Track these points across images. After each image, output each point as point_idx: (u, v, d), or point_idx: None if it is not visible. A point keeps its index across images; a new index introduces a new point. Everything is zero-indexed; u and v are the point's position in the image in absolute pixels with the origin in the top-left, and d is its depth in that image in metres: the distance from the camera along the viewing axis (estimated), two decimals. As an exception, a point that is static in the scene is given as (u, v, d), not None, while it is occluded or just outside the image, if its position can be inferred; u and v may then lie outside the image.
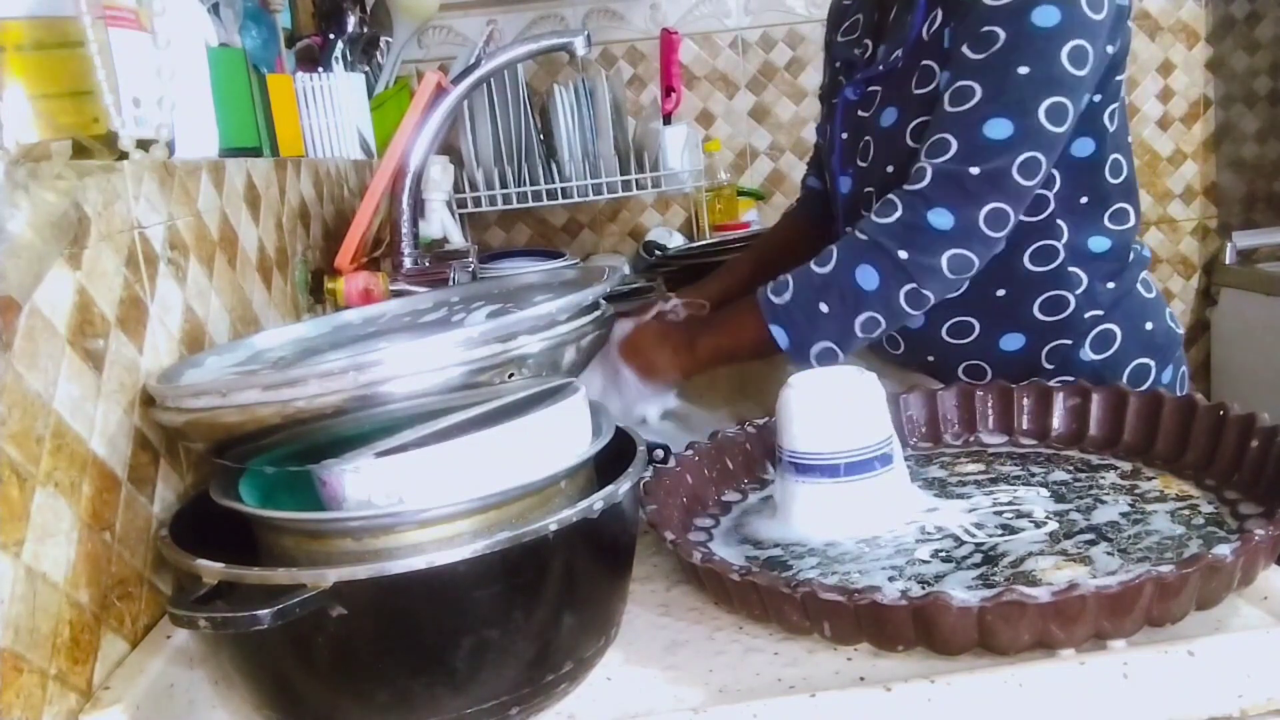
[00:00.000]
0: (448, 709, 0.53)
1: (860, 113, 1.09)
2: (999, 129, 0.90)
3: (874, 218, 0.94)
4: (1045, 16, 0.89)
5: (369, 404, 0.54)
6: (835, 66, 1.20)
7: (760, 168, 2.34)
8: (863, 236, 0.94)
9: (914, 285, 0.92)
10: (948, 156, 0.91)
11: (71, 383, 0.56)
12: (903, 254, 0.91)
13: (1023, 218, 0.97)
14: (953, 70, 0.94)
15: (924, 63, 1.00)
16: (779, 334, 0.94)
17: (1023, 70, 0.90)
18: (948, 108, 0.93)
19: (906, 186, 0.93)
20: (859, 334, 0.94)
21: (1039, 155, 0.91)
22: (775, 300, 0.95)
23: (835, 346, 0.94)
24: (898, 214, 0.92)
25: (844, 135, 1.13)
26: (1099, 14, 0.91)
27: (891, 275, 0.92)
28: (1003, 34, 0.90)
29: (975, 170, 0.90)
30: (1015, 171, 0.90)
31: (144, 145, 0.62)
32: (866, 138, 1.08)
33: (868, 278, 0.92)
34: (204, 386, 0.58)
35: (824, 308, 0.93)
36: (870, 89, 1.08)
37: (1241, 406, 0.74)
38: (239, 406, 0.55)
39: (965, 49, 0.93)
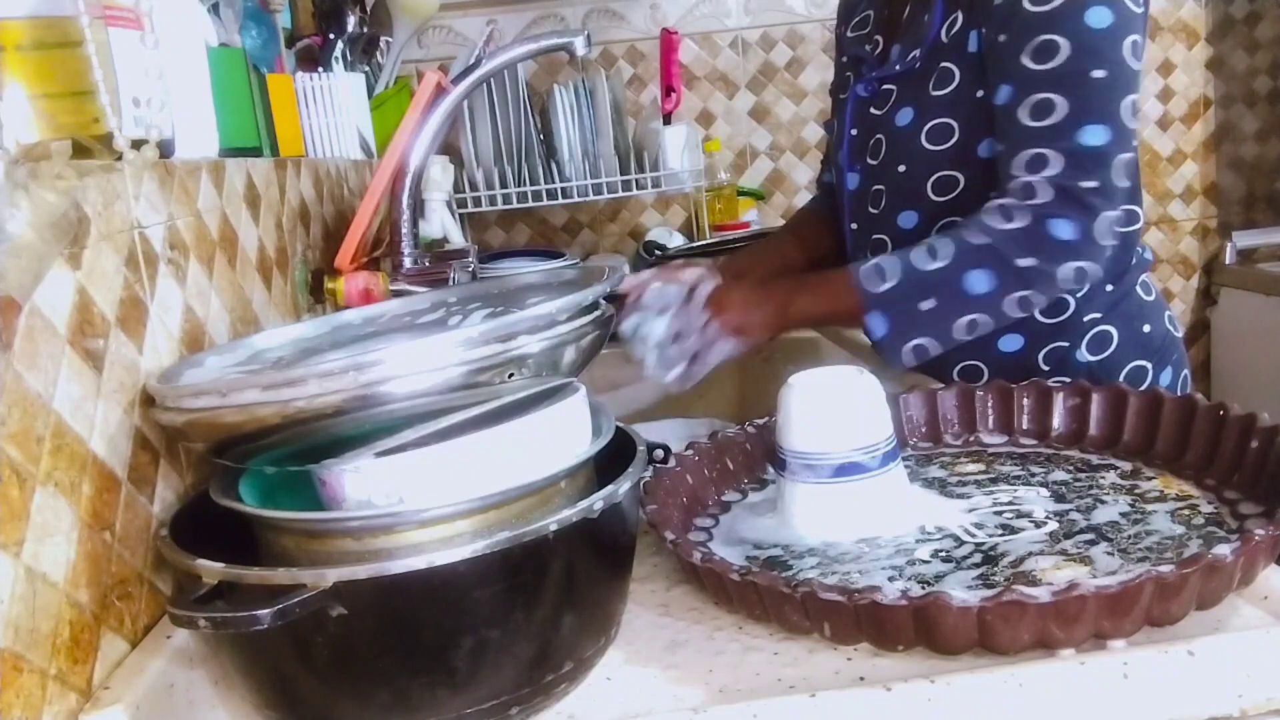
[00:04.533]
0: (448, 709, 0.53)
1: (872, 110, 1.09)
2: (1095, 136, 0.90)
3: (991, 223, 0.92)
4: (1099, 17, 0.90)
5: (369, 404, 0.54)
6: (843, 61, 1.20)
7: (760, 168, 2.34)
8: (980, 240, 0.92)
9: (1027, 293, 0.92)
10: (1055, 171, 0.91)
11: (71, 383, 0.56)
12: (1022, 262, 0.91)
13: None
14: (1015, 84, 0.93)
15: (943, 64, 1.00)
16: (876, 322, 0.94)
17: (1097, 74, 0.90)
18: (1030, 122, 0.92)
19: (1026, 201, 0.92)
20: (959, 335, 0.94)
21: (1131, 154, 0.92)
22: (873, 290, 0.94)
23: (931, 344, 0.94)
24: (1018, 223, 0.91)
25: (853, 131, 1.13)
26: (1140, 8, 0.92)
27: (1005, 282, 0.91)
28: (1065, 42, 0.90)
29: (1087, 183, 0.90)
30: (1122, 176, 0.91)
31: (137, 145, 0.62)
32: (878, 135, 1.08)
33: (978, 282, 0.91)
34: (204, 386, 0.58)
35: (925, 305, 0.92)
36: (884, 87, 1.08)
37: (1241, 406, 0.74)
38: (239, 406, 0.55)
39: (1026, 61, 0.92)
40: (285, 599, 0.48)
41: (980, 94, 0.98)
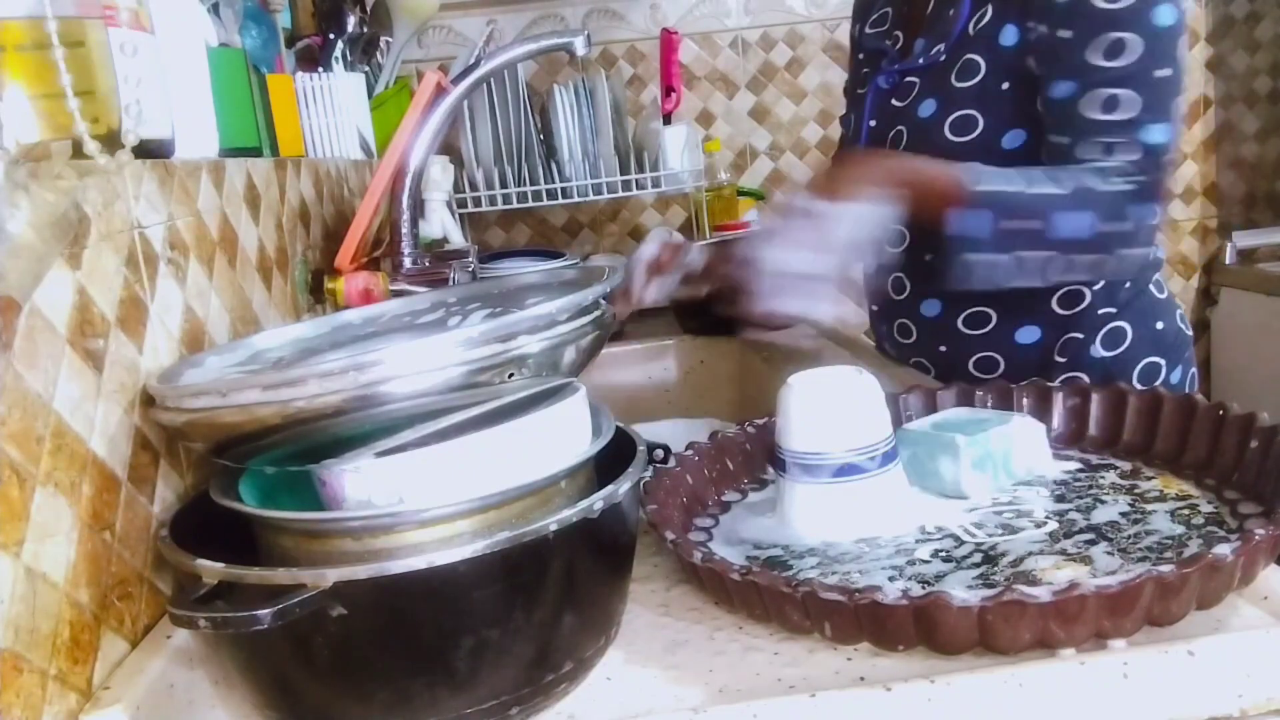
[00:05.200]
0: (448, 709, 0.53)
1: (894, 102, 1.10)
2: (1159, 134, 0.92)
3: (1091, 180, 0.91)
4: (1166, 15, 0.91)
5: (369, 404, 0.54)
6: (860, 58, 1.20)
7: (760, 168, 2.34)
8: (1079, 186, 0.90)
9: (1096, 258, 0.91)
10: (1127, 160, 0.92)
11: (71, 383, 0.56)
12: (1107, 226, 0.90)
13: None
14: (1081, 79, 0.93)
15: (967, 56, 1.01)
16: (978, 220, 0.89)
17: (1162, 73, 0.91)
18: (1098, 116, 0.92)
19: (1112, 178, 0.92)
20: (1025, 273, 0.91)
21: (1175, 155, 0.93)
22: (979, 186, 0.90)
23: (1005, 270, 0.91)
24: (1114, 188, 0.91)
25: (872, 123, 1.13)
26: (1184, 5, 0.94)
27: (1094, 239, 0.90)
28: (1137, 40, 0.91)
29: (1146, 178, 0.91)
30: (1169, 175, 0.93)
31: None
32: (899, 127, 1.08)
33: (1067, 225, 0.89)
34: (204, 386, 0.58)
35: (1019, 225, 0.89)
36: (906, 79, 1.08)
37: (1241, 406, 0.74)
38: (239, 406, 0.55)
39: (1094, 58, 0.92)
40: (285, 599, 0.48)
41: (1006, 86, 0.99)
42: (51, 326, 0.55)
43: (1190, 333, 1.13)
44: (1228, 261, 2.38)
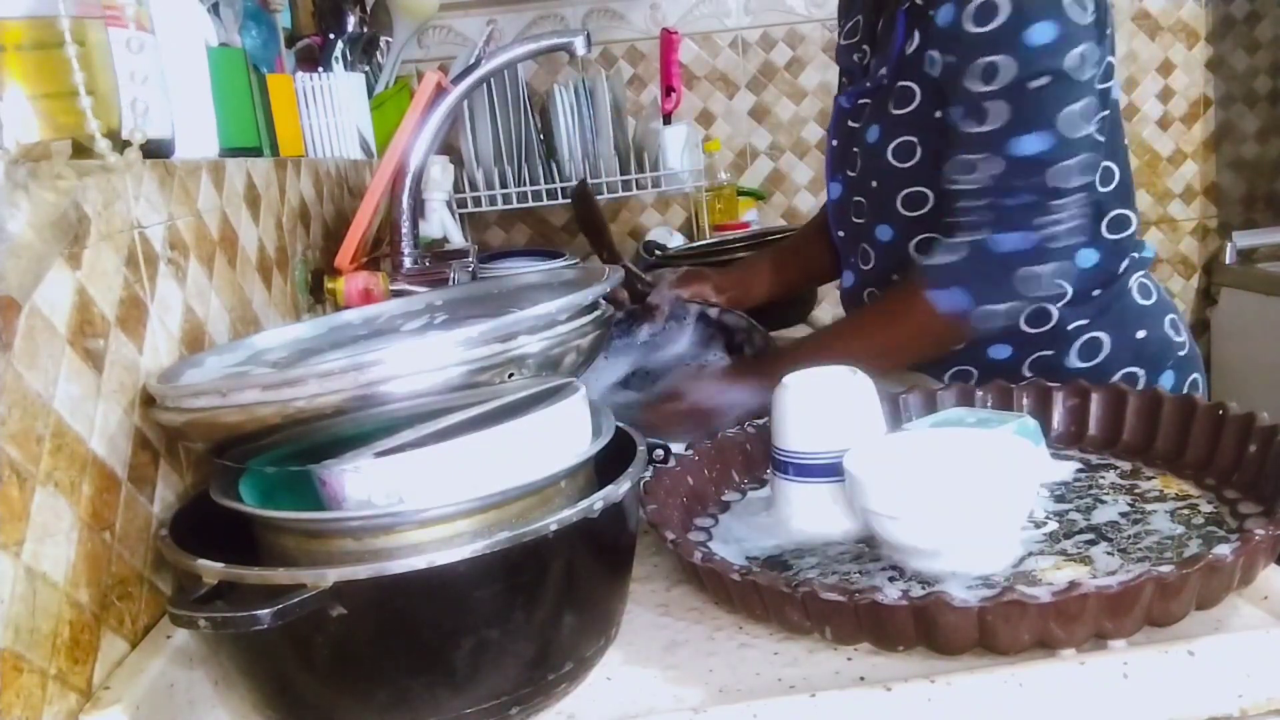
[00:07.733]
0: (448, 709, 0.53)
1: (850, 123, 1.10)
2: (1031, 145, 0.91)
3: (924, 259, 0.97)
4: (1041, 33, 0.89)
5: (369, 404, 0.54)
6: (840, 67, 1.20)
7: (760, 167, 2.33)
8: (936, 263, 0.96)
9: (1013, 304, 0.95)
10: (989, 176, 0.92)
11: (71, 383, 0.56)
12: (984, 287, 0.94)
13: None
14: (964, 105, 0.94)
15: (901, 83, 1.00)
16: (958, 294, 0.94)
17: (1035, 84, 0.90)
18: (970, 129, 0.93)
19: (962, 219, 0.95)
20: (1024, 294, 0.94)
21: (1074, 159, 0.91)
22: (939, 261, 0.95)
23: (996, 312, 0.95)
24: (959, 254, 0.94)
25: (834, 142, 1.14)
26: (1089, 16, 0.91)
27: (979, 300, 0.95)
28: (1006, 60, 0.90)
29: (1019, 193, 0.91)
30: (1061, 181, 0.91)
31: (119, 148, 0.62)
32: (854, 149, 1.09)
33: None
34: (204, 386, 0.58)
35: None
36: (861, 101, 1.08)
37: (1241, 406, 0.74)
38: (239, 406, 0.55)
39: (970, 84, 0.92)
40: (285, 599, 0.48)
41: (939, 114, 0.98)
42: (51, 326, 0.55)
43: (1182, 338, 1.08)
44: (1228, 261, 2.38)
